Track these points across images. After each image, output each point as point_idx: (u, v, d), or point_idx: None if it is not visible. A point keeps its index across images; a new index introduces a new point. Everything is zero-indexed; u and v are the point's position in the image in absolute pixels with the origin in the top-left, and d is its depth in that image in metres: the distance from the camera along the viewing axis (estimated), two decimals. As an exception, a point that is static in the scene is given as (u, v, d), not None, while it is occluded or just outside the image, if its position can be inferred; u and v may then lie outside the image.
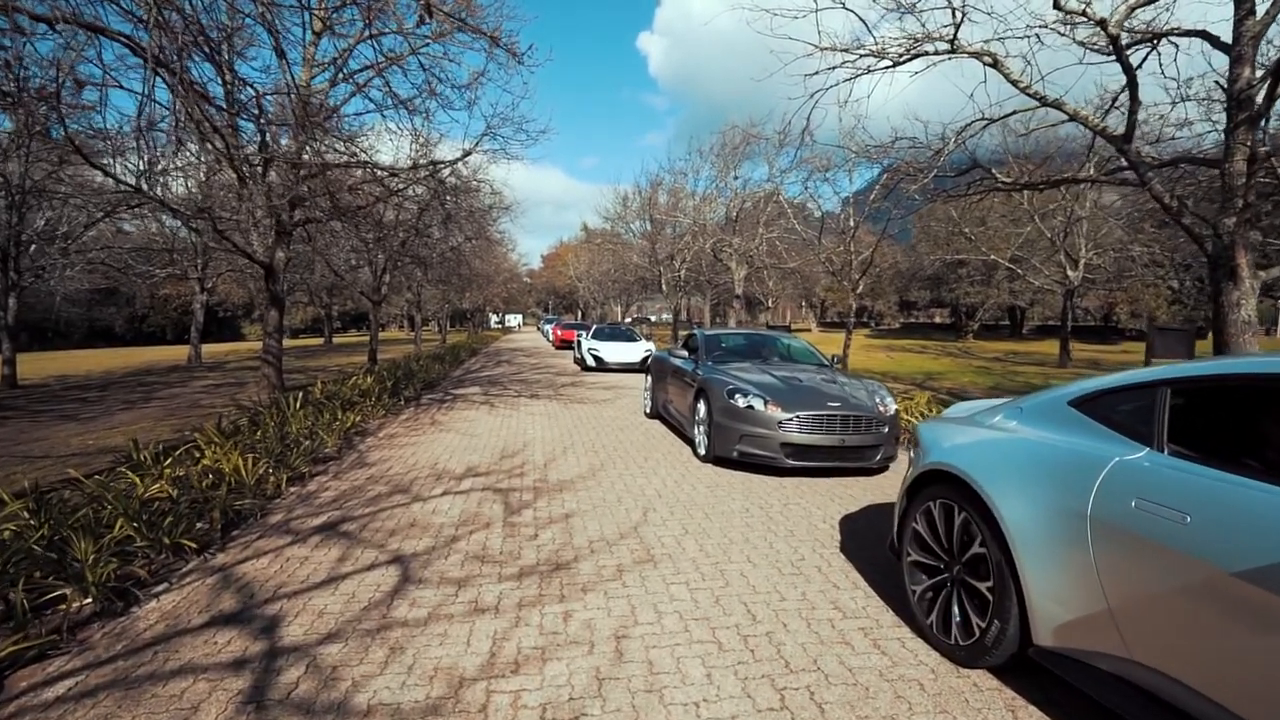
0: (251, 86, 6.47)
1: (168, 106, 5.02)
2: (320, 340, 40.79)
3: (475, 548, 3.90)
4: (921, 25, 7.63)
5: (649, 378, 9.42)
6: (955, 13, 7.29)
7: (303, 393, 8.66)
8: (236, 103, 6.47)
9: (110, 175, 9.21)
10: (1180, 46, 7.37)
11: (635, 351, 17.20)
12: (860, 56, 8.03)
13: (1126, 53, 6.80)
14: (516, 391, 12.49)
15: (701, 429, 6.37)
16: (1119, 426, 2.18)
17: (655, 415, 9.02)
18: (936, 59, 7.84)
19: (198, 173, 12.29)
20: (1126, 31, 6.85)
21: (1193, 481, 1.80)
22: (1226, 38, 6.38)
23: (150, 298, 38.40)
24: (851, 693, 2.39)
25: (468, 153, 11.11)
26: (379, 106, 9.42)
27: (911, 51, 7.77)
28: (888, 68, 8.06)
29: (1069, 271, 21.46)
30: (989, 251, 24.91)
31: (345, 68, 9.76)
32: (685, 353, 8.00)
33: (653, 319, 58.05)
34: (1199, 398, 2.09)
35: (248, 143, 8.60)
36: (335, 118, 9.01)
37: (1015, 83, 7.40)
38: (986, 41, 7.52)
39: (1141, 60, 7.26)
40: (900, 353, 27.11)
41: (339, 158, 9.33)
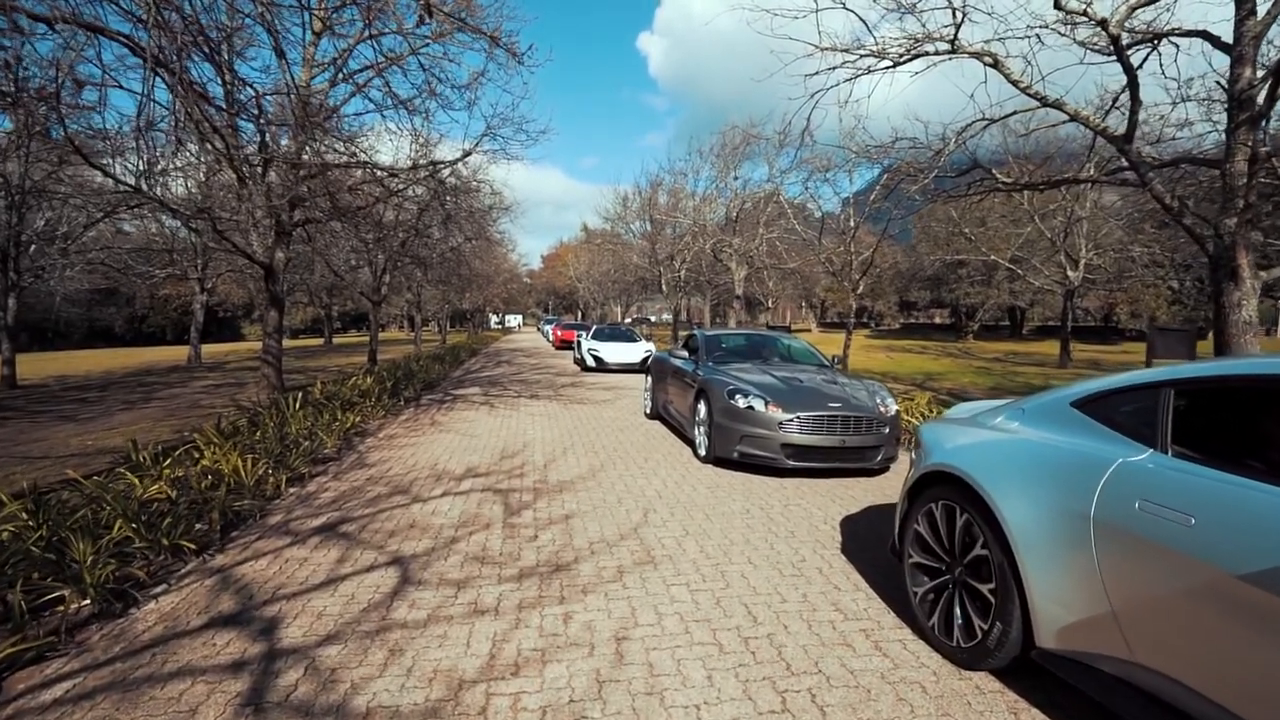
0: (251, 87, 6.46)
1: (167, 107, 5.01)
2: (320, 341, 40.82)
3: (475, 549, 3.89)
4: (922, 25, 7.62)
5: (649, 378, 9.41)
6: (956, 13, 7.28)
7: (302, 393, 8.65)
8: (236, 103, 6.45)
9: (110, 175, 9.20)
10: (1181, 47, 7.37)
11: (635, 352, 17.19)
12: (860, 57, 8.02)
13: (1127, 53, 6.79)
14: (516, 392, 12.48)
15: (702, 430, 6.36)
16: (1122, 428, 2.16)
17: (655, 416, 9.01)
18: (937, 59, 7.84)
19: (197, 173, 12.29)
20: (1127, 32, 6.84)
21: (1197, 483, 1.79)
22: (1227, 38, 6.38)
23: (150, 298, 38.44)
24: (853, 695, 2.38)
25: (468, 153, 11.12)
26: (379, 107, 9.44)
27: (912, 52, 7.76)
28: (888, 68, 8.06)
29: (1069, 272, 21.45)
30: (989, 252, 24.90)
31: (345, 68, 9.76)
32: (685, 353, 7.98)
33: (653, 319, 58.06)
34: (1203, 399, 2.08)
35: (247, 143, 8.60)
36: (335, 118, 9.01)
37: (1016, 83, 7.39)
38: (987, 41, 7.51)
39: (1142, 60, 7.25)
40: (900, 353, 27.10)
41: (339, 158, 9.32)
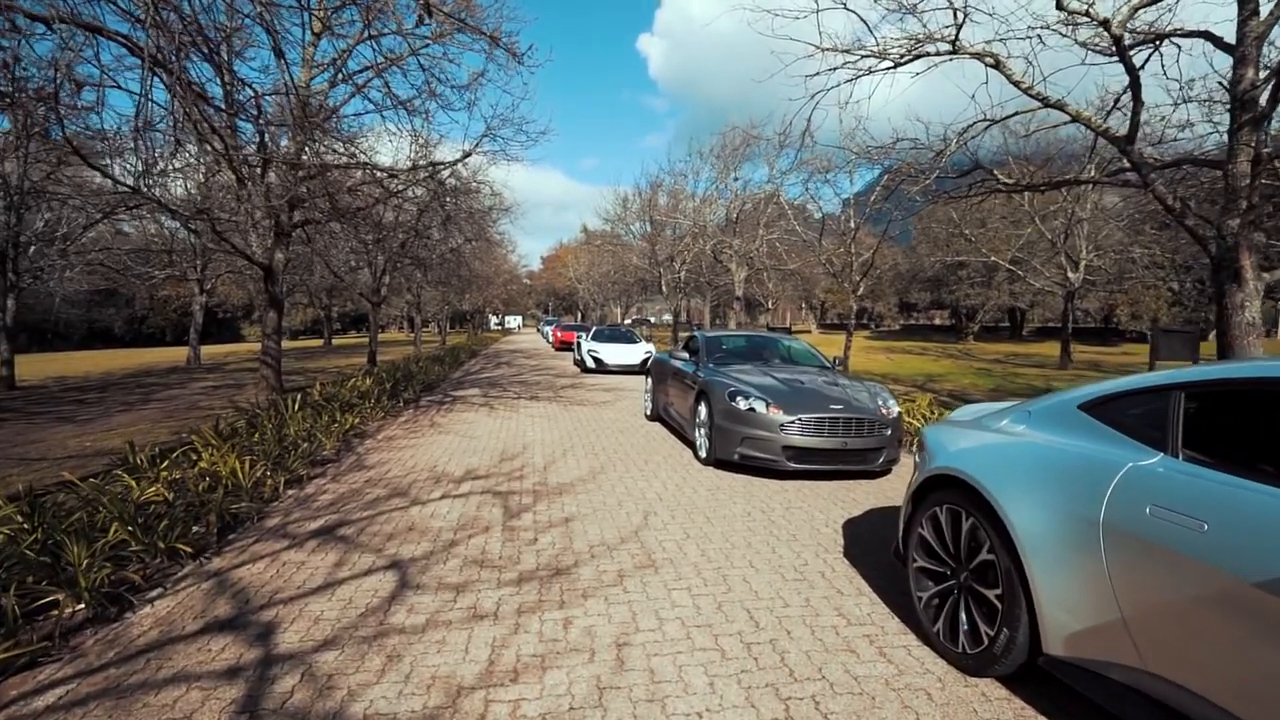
0: (250, 87, 6.43)
1: (166, 107, 4.98)
2: (320, 342, 40.77)
3: (474, 552, 3.86)
4: (923, 26, 7.60)
5: (649, 380, 9.38)
6: (957, 13, 7.26)
7: (301, 394, 8.61)
8: (235, 103, 6.42)
9: (109, 176, 9.19)
10: (1182, 47, 7.34)
11: (635, 353, 17.17)
12: (861, 57, 8.00)
13: (1129, 53, 6.77)
14: (516, 393, 12.45)
15: (702, 431, 6.33)
16: (1131, 431, 2.13)
17: (655, 417, 8.97)
18: (938, 60, 7.81)
19: (196, 174, 12.28)
20: (1129, 32, 6.82)
21: (1210, 488, 1.76)
22: (1230, 38, 6.35)
23: (149, 299, 38.36)
24: (857, 702, 2.35)
25: (467, 154, 11.09)
26: (378, 107, 9.39)
27: (913, 52, 7.74)
28: (889, 69, 8.03)
29: (1069, 273, 21.42)
30: (989, 253, 24.87)
31: (345, 68, 9.74)
32: (686, 355, 7.95)
33: (652, 320, 58.03)
34: (1215, 402, 2.05)
35: (246, 143, 8.57)
36: (334, 119, 8.99)
37: (1017, 84, 7.37)
38: (988, 42, 7.48)
39: (1144, 61, 7.22)
40: (900, 354, 27.07)
41: (338, 159, 9.29)
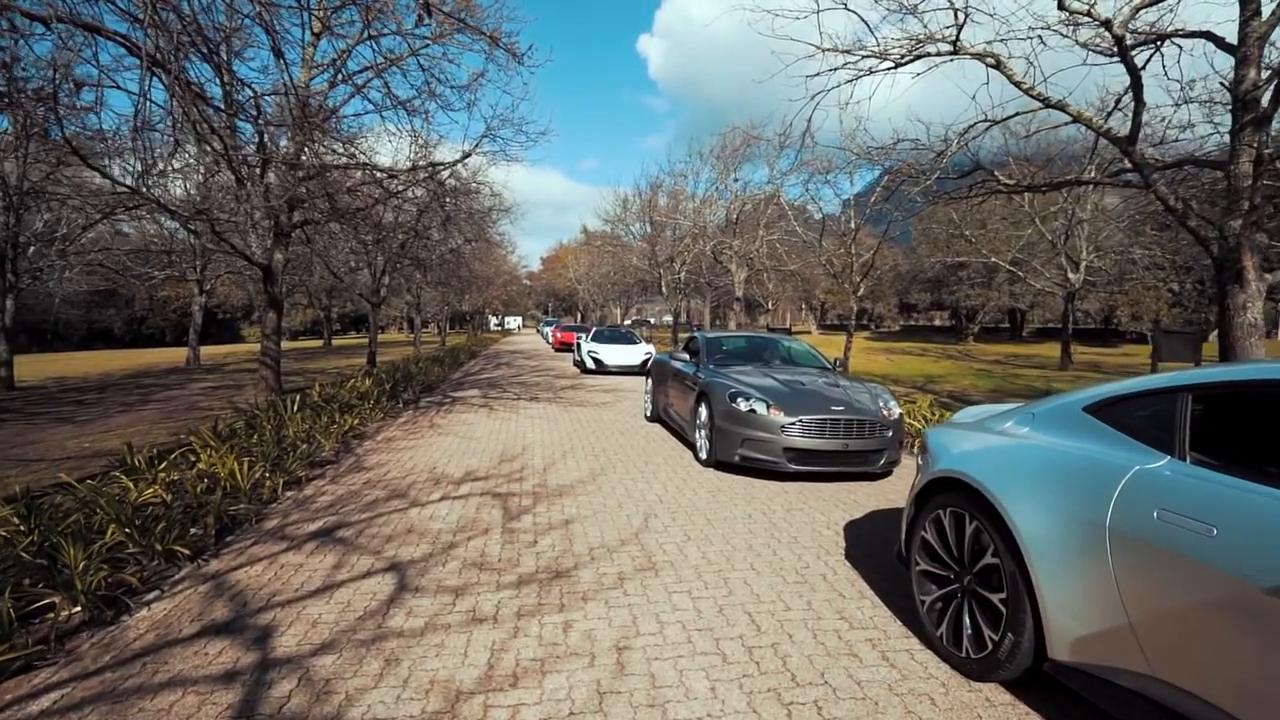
0: (250, 87, 6.40)
1: (165, 107, 4.96)
2: (319, 342, 40.77)
3: (473, 554, 3.83)
4: (924, 26, 7.58)
5: (649, 381, 9.35)
6: (958, 14, 7.24)
7: (300, 395, 8.59)
8: (234, 103, 6.40)
9: (108, 177, 9.17)
10: (1184, 48, 7.33)
11: (635, 354, 17.14)
12: (862, 58, 7.98)
13: (1131, 54, 6.75)
14: (516, 394, 12.42)
15: (703, 433, 6.31)
16: (1137, 434, 2.11)
17: (656, 419, 8.95)
18: (939, 60, 7.79)
19: (196, 174, 12.26)
20: (1131, 33, 6.80)
21: (1218, 492, 1.74)
22: (1231, 39, 6.34)
23: (149, 300, 38.38)
24: (860, 707, 2.32)
25: (467, 154, 11.07)
26: (378, 108, 9.35)
27: (913, 53, 7.72)
28: (889, 69, 8.01)
29: (1070, 274, 21.41)
30: (989, 254, 24.85)
31: (344, 69, 9.71)
32: (686, 356, 7.92)
33: (652, 321, 58.02)
34: (1222, 404, 2.02)
35: (246, 144, 8.55)
36: (334, 119, 8.96)
37: (1018, 84, 7.35)
38: (989, 43, 7.46)
39: (1145, 62, 7.20)
40: (900, 355, 27.05)
41: (338, 159, 9.27)
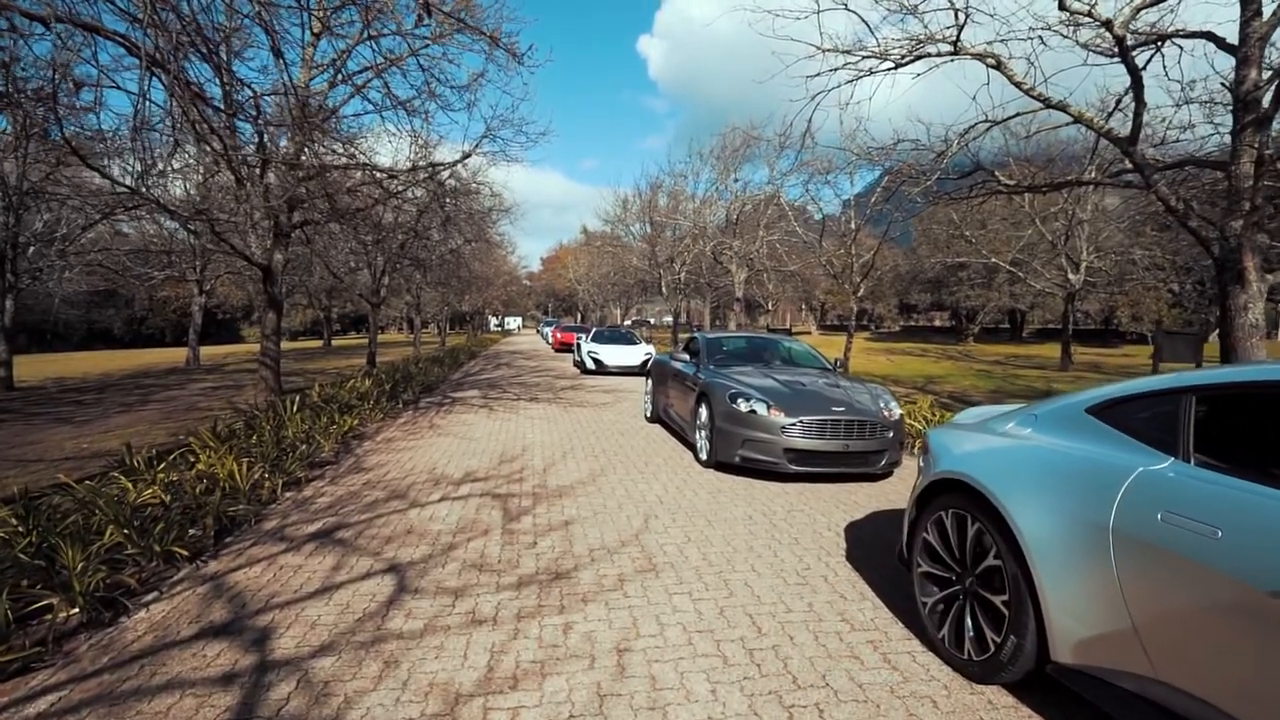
0: (249, 87, 6.38)
1: (164, 107, 4.95)
2: (319, 343, 40.73)
3: (473, 556, 3.82)
4: (924, 27, 7.57)
5: (649, 381, 9.34)
6: (958, 14, 7.24)
7: (300, 396, 8.58)
8: (234, 104, 6.38)
9: (107, 177, 9.16)
10: (1184, 48, 7.32)
11: (635, 355, 17.13)
12: (862, 58, 7.97)
13: (1132, 54, 6.74)
14: (515, 395, 12.41)
15: (703, 434, 6.29)
16: (1141, 435, 2.09)
17: (656, 419, 8.94)
18: (939, 61, 7.78)
19: (195, 174, 12.24)
20: (1132, 33, 6.79)
21: (1224, 494, 1.72)
22: (1232, 39, 6.33)
23: (149, 300, 38.37)
24: (862, 710, 2.31)
25: (467, 155, 11.06)
26: (378, 108, 9.34)
27: (914, 53, 7.71)
28: (890, 69, 8.01)
29: (1070, 275, 21.40)
30: (990, 255, 24.83)
31: (344, 69, 9.70)
32: (686, 356, 7.91)
33: (652, 322, 58.03)
34: (1227, 406, 2.01)
35: (245, 144, 8.53)
36: (334, 119, 8.95)
37: (1019, 85, 7.34)
38: (990, 43, 7.46)
39: (1146, 62, 7.20)
40: (900, 356, 27.04)
41: (337, 159, 9.26)
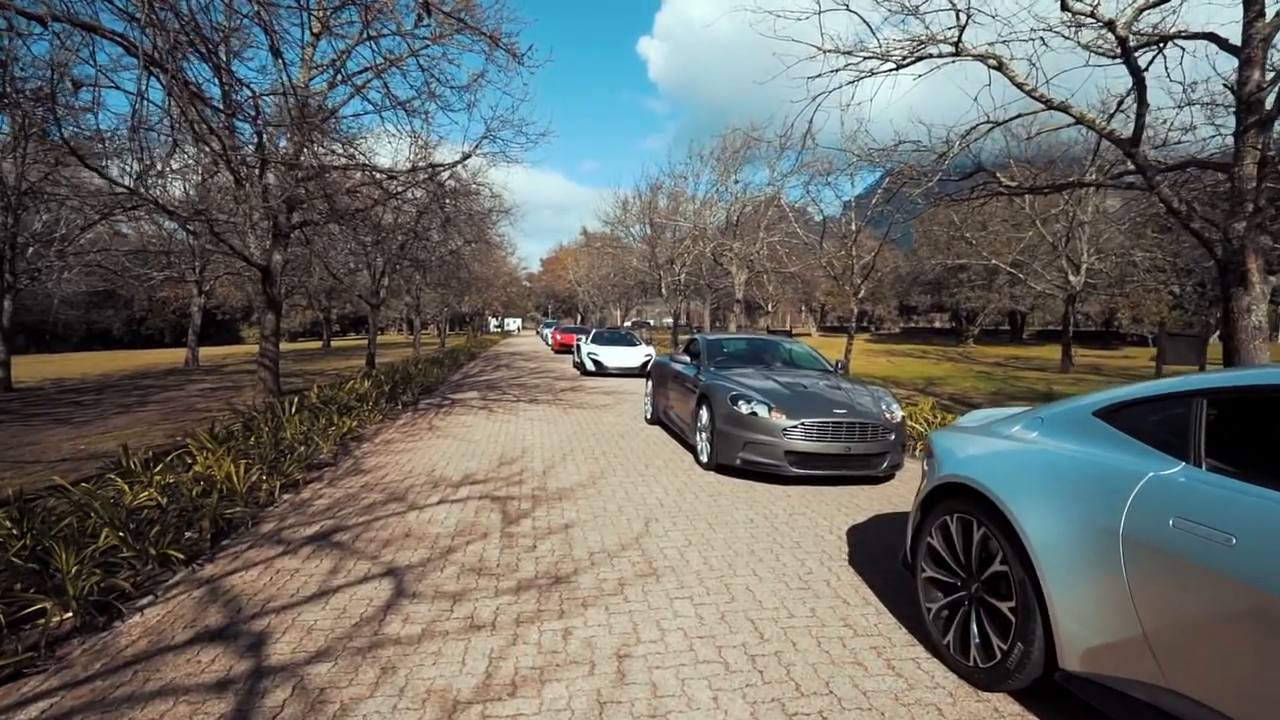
0: (248, 88, 6.36)
1: (163, 107, 4.92)
2: (318, 343, 40.65)
3: (472, 559, 3.78)
4: (925, 28, 7.55)
5: (649, 383, 9.30)
6: (959, 15, 7.22)
7: (299, 397, 8.55)
8: (233, 104, 6.36)
9: (106, 177, 9.13)
10: (1186, 49, 7.29)
11: (635, 356, 17.09)
12: (863, 59, 7.94)
13: (1134, 55, 6.72)
14: (515, 396, 12.37)
15: (704, 436, 6.26)
16: (1150, 439, 2.06)
17: (656, 421, 8.90)
18: (940, 62, 7.75)
19: (194, 175, 12.21)
20: (1134, 34, 6.77)
21: (1237, 500, 1.69)
22: (1235, 40, 6.30)
23: (148, 300, 38.37)
24: (866, 718, 2.27)
25: (467, 155, 11.03)
26: (378, 108, 9.30)
27: (915, 54, 7.69)
28: (891, 70, 7.98)
29: (1070, 276, 21.38)
30: (990, 256, 24.81)
31: (344, 69, 9.67)
32: (687, 358, 7.87)
33: (652, 323, 57.97)
34: (1239, 409, 1.97)
35: (244, 144, 8.50)
36: (333, 120, 8.92)
37: (1020, 86, 7.31)
38: (991, 44, 7.43)
39: (1148, 63, 7.17)
40: (901, 357, 27.00)
41: (337, 160, 9.23)
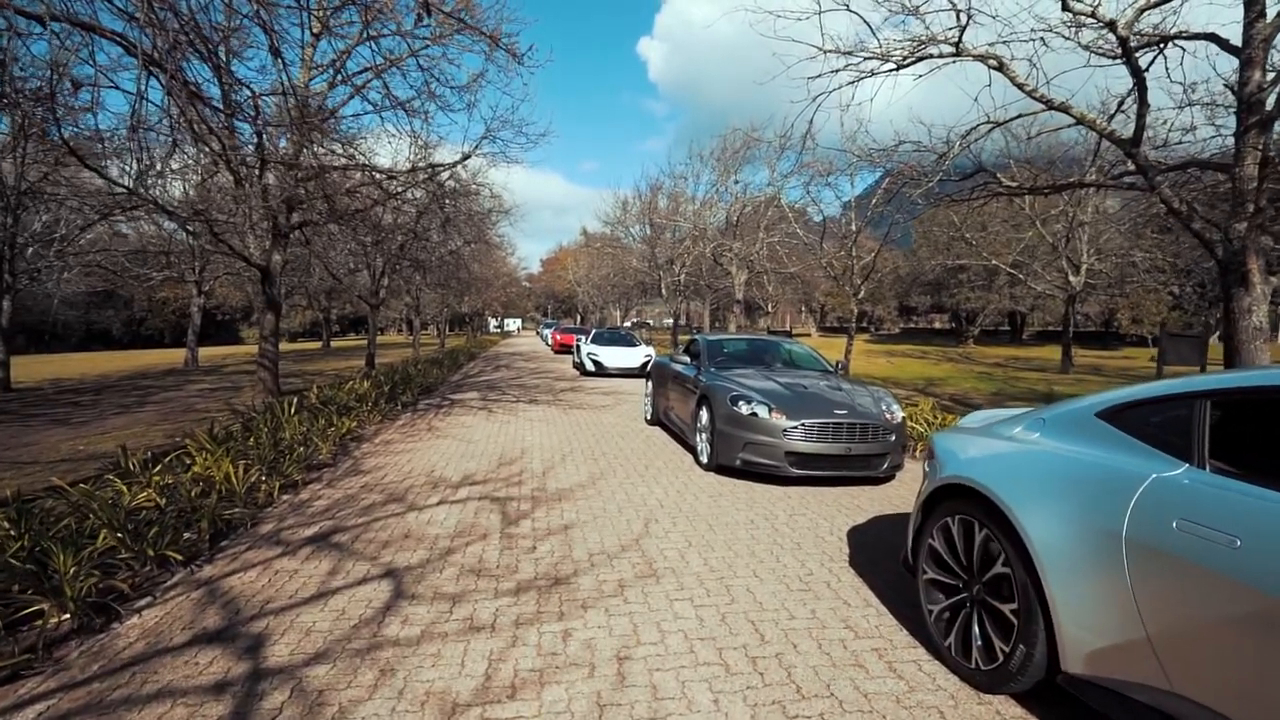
0: (248, 88, 6.36)
1: (162, 107, 4.92)
2: (318, 344, 40.64)
3: (471, 561, 3.77)
4: (926, 28, 7.55)
5: (649, 383, 9.29)
6: (960, 15, 7.21)
7: (298, 397, 8.53)
8: (233, 104, 6.35)
9: (105, 177, 9.12)
10: (1187, 50, 7.28)
11: (635, 356, 17.07)
12: (864, 59, 7.94)
13: (1135, 55, 6.71)
14: (515, 397, 12.36)
15: (704, 437, 6.25)
16: (1153, 440, 2.05)
17: (656, 422, 8.89)
18: (941, 62, 7.75)
19: (194, 175, 12.18)
20: (1135, 34, 6.76)
21: (1242, 502, 1.68)
22: (1236, 40, 6.30)
23: (147, 301, 38.38)
24: (867, 721, 2.26)
25: (467, 156, 11.03)
26: (377, 108, 9.28)
27: (915, 54, 7.68)
28: (891, 71, 7.97)
29: (1070, 277, 21.38)
30: (990, 257, 24.81)
31: (343, 69, 9.67)
32: (687, 358, 7.86)
33: (652, 323, 57.99)
34: (1243, 411, 1.96)
35: (244, 144, 8.49)
36: (333, 120, 8.92)
37: (1021, 86, 7.31)
38: (991, 44, 7.42)
39: (1149, 64, 7.16)
40: (901, 358, 27.00)
41: (336, 160, 9.23)
